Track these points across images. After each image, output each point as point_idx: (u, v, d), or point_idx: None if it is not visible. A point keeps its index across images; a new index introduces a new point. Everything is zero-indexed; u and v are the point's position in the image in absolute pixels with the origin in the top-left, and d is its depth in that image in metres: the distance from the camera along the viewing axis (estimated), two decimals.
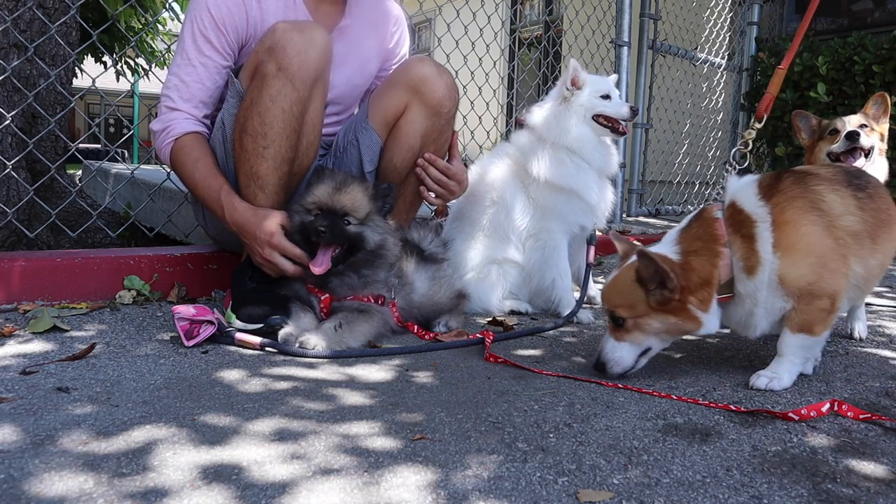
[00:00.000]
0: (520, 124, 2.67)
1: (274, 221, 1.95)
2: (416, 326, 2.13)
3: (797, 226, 1.62)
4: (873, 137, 2.84)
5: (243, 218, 1.99)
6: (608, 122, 2.53)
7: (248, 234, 1.99)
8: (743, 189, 1.72)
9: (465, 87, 3.51)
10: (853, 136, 2.79)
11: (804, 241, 1.62)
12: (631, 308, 1.67)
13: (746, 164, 2.36)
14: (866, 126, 2.83)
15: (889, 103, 2.87)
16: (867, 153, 2.82)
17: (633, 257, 1.70)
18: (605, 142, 2.60)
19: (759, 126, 2.44)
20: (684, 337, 2.18)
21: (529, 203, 2.53)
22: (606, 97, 2.53)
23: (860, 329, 2.24)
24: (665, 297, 1.63)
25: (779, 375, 1.68)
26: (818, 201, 1.64)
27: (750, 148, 2.34)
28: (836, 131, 2.86)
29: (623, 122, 2.54)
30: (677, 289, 1.61)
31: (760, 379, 1.68)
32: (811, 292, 1.62)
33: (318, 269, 1.90)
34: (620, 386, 1.65)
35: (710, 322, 1.66)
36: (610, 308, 1.70)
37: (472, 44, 4.13)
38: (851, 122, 2.85)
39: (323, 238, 1.88)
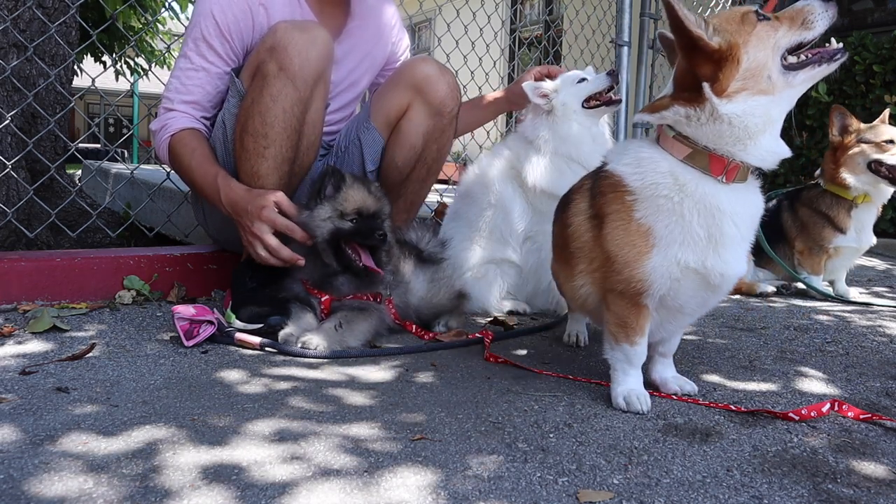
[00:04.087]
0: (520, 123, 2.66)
1: (268, 197, 1.91)
2: (414, 326, 2.13)
3: None
4: None
5: (237, 195, 1.95)
6: (597, 102, 2.49)
7: (240, 210, 1.94)
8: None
9: (465, 86, 3.50)
10: None
11: None
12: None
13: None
14: None
15: None
16: None
17: None
18: (604, 136, 2.57)
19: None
20: (683, 336, 2.18)
21: (528, 206, 2.51)
22: (582, 80, 2.51)
23: None
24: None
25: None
26: None
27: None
28: (892, 142, 2.64)
29: (610, 92, 2.51)
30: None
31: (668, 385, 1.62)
32: None
33: (375, 266, 1.93)
34: None
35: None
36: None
37: (472, 44, 4.13)
38: None
39: (386, 243, 1.93)
